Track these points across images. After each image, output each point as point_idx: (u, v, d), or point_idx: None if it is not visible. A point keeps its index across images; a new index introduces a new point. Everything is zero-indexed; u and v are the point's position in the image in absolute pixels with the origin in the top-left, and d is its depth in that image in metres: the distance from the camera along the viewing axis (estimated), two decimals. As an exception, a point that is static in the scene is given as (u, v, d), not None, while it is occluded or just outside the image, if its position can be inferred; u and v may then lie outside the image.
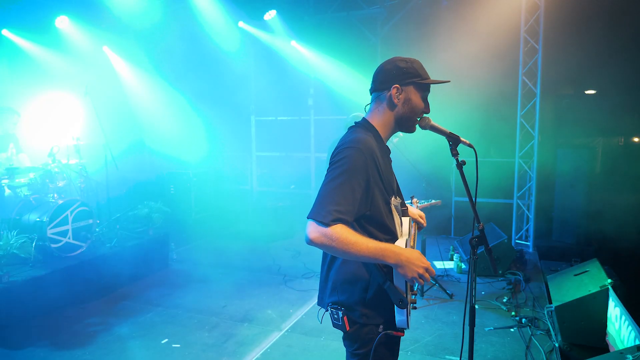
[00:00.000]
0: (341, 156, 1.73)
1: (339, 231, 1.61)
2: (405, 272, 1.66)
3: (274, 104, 8.53)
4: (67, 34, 7.42)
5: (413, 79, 1.85)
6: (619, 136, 7.26)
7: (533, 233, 6.66)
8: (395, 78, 1.86)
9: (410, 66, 1.86)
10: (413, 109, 1.88)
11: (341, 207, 1.64)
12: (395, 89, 1.85)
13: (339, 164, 1.71)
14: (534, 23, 6.41)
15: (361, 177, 1.71)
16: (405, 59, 1.89)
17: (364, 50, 7.53)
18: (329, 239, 1.61)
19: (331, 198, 1.65)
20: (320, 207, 1.64)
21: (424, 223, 2.27)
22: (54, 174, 5.13)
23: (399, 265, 1.66)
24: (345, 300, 1.81)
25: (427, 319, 4.35)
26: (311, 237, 1.63)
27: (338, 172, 1.70)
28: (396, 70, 1.86)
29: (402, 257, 1.65)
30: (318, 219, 1.62)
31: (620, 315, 3.20)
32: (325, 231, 1.61)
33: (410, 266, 1.65)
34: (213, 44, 8.12)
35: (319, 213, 1.63)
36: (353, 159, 1.71)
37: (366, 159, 1.73)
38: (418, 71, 1.86)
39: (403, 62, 1.87)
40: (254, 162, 8.98)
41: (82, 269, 4.86)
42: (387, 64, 1.90)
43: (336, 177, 1.69)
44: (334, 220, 1.61)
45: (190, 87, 8.62)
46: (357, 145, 1.74)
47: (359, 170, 1.70)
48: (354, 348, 1.84)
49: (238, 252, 6.79)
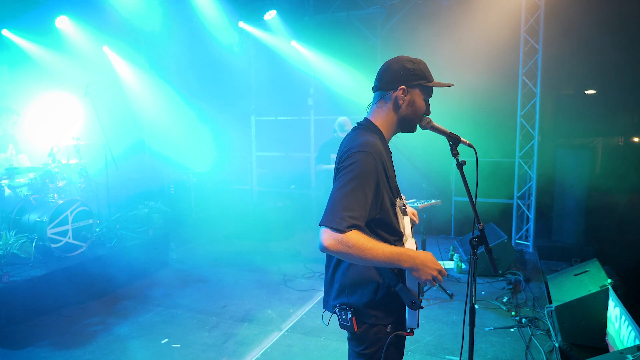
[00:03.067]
0: (351, 160, 1.71)
1: (354, 237, 1.59)
2: (420, 275, 1.66)
3: (274, 104, 8.52)
4: (67, 34, 7.42)
5: (420, 81, 1.83)
6: (619, 136, 7.26)
7: (533, 233, 6.65)
8: (402, 79, 1.83)
9: (418, 67, 1.84)
10: (416, 110, 1.87)
11: (355, 212, 1.62)
12: (401, 91, 1.83)
13: (349, 168, 1.69)
14: (534, 23, 6.41)
15: (372, 181, 1.70)
16: (412, 59, 1.86)
17: (364, 50, 7.52)
18: (345, 246, 1.58)
19: (344, 204, 1.63)
20: (334, 214, 1.61)
21: (416, 220, 2.26)
22: (54, 174, 5.13)
23: (414, 269, 1.66)
24: (355, 302, 1.80)
25: (427, 319, 4.35)
26: (326, 245, 1.60)
27: (349, 177, 1.68)
28: (403, 70, 1.84)
29: (418, 260, 1.66)
30: (332, 226, 1.59)
31: (620, 315, 3.20)
32: (341, 238, 1.58)
33: (425, 269, 1.66)
34: (213, 43, 8.12)
35: (333, 220, 1.60)
36: (363, 163, 1.69)
37: (376, 162, 1.72)
38: (424, 73, 1.84)
39: (410, 63, 1.84)
40: (254, 162, 8.98)
41: (82, 269, 4.86)
42: (394, 63, 1.87)
43: (348, 183, 1.67)
44: (349, 226, 1.59)
45: (190, 87, 8.62)
46: (367, 149, 1.73)
47: (369, 174, 1.69)
48: (361, 348, 1.83)
49: (238, 252, 6.79)
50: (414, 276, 1.68)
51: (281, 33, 7.97)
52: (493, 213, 6.95)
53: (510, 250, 5.64)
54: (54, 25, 7.17)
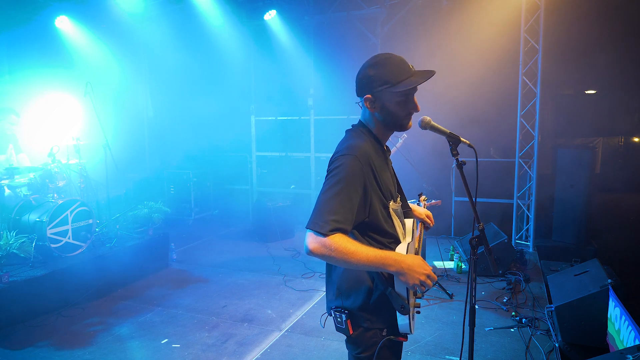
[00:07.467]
0: (337, 164, 1.71)
1: (337, 241, 1.58)
2: (407, 280, 1.63)
3: (274, 104, 8.53)
4: (67, 34, 7.42)
5: (383, 86, 1.74)
6: (619, 136, 7.27)
7: (533, 233, 6.66)
8: (365, 88, 1.79)
9: (379, 72, 1.75)
10: (392, 113, 1.80)
11: (339, 216, 1.61)
12: (367, 101, 1.80)
13: (335, 172, 1.69)
14: (534, 23, 6.41)
15: (358, 185, 1.69)
16: (375, 62, 1.77)
17: (364, 50, 7.52)
18: (327, 249, 1.58)
19: (328, 207, 1.62)
20: (318, 217, 1.61)
21: (430, 222, 2.24)
22: (54, 174, 5.12)
23: (400, 273, 1.63)
24: (349, 305, 1.80)
25: (427, 319, 4.35)
26: (310, 248, 1.60)
27: (334, 180, 1.67)
28: (366, 78, 1.78)
29: (404, 264, 1.63)
30: (316, 229, 1.59)
31: (620, 315, 3.20)
32: (324, 241, 1.58)
33: (411, 273, 1.63)
34: (213, 43, 8.12)
35: (317, 223, 1.60)
36: (349, 167, 1.68)
37: (362, 165, 1.70)
38: (387, 77, 1.74)
39: (372, 69, 1.77)
40: (254, 162, 8.98)
41: (82, 268, 4.86)
42: (360, 71, 1.82)
43: (333, 186, 1.66)
44: (332, 230, 1.59)
45: (190, 87, 8.62)
46: (353, 153, 1.71)
47: (355, 177, 1.68)
48: (358, 352, 1.83)
49: (238, 252, 6.79)
50: (401, 280, 1.66)
51: (281, 33, 7.97)
52: (493, 213, 6.96)
53: (510, 250, 5.64)
54: (53, 25, 7.18)
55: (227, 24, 7.85)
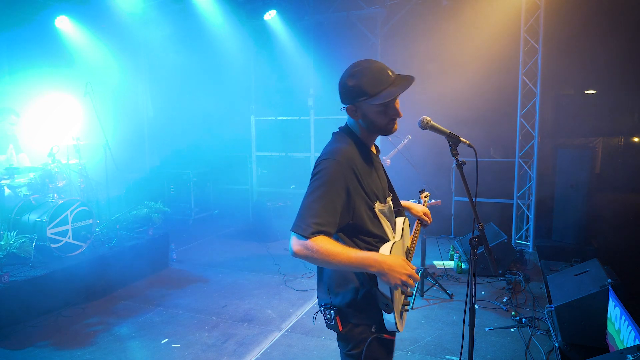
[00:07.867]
0: (320, 168, 1.74)
1: (319, 243, 1.63)
2: (388, 280, 1.66)
3: (274, 104, 8.53)
4: (67, 34, 7.42)
5: (361, 98, 1.75)
6: (619, 136, 7.26)
7: (533, 233, 6.66)
8: (346, 98, 1.81)
9: (358, 84, 1.74)
10: (374, 121, 1.81)
11: (321, 219, 1.65)
12: (349, 110, 1.83)
13: (317, 176, 1.73)
14: (534, 23, 6.41)
15: (340, 188, 1.71)
16: (354, 72, 1.76)
17: (364, 50, 7.51)
18: (310, 251, 1.63)
19: (311, 211, 1.67)
20: (301, 221, 1.67)
21: (428, 220, 2.26)
22: (54, 174, 5.12)
23: (381, 273, 1.66)
24: (338, 303, 1.83)
25: (427, 319, 4.35)
26: (294, 250, 1.67)
27: (317, 184, 1.71)
28: (345, 90, 1.80)
29: (385, 265, 1.65)
30: (299, 232, 1.65)
31: (620, 315, 3.20)
32: (306, 244, 1.63)
33: (392, 274, 1.65)
34: (213, 43, 8.12)
35: (300, 226, 1.66)
36: (331, 171, 1.71)
37: (343, 169, 1.73)
38: (365, 88, 1.73)
39: (351, 80, 1.76)
40: (254, 162, 8.98)
41: (82, 269, 4.86)
42: (341, 80, 1.82)
43: (315, 190, 1.70)
44: (313, 232, 1.63)
45: (190, 87, 8.62)
46: (335, 157, 1.74)
47: (337, 181, 1.71)
48: (348, 349, 1.85)
49: (238, 252, 6.79)
50: (382, 281, 1.69)
51: (281, 33, 7.97)
52: (493, 213, 6.95)
53: (510, 250, 5.64)
54: (53, 25, 7.17)
55: (227, 24, 7.84)
